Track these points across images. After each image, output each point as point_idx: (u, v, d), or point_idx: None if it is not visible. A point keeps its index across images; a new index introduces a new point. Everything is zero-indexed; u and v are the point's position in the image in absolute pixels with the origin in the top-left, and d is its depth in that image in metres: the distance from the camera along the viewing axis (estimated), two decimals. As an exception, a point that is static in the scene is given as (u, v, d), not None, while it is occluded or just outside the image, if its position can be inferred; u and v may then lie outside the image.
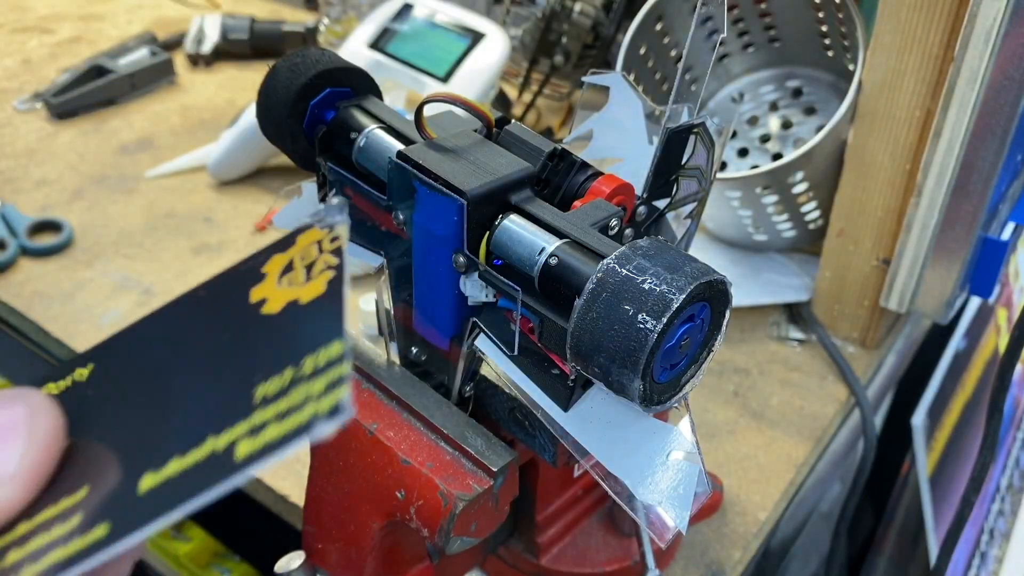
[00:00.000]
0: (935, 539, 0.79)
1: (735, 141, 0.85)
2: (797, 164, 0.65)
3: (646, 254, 0.29)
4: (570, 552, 0.50)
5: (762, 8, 0.77)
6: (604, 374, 0.29)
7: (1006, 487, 0.95)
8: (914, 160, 0.61)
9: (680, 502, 0.33)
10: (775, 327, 0.75)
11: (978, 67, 0.54)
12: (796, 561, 0.73)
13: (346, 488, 0.38)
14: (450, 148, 0.35)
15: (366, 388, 0.40)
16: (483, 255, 0.34)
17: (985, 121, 0.56)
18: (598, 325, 0.28)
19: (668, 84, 0.81)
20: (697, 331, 0.30)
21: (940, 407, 0.84)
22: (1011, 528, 0.92)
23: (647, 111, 0.40)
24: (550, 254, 0.32)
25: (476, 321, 0.36)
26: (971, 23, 0.54)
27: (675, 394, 0.31)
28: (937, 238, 0.62)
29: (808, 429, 0.65)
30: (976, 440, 0.84)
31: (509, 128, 0.38)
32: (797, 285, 0.76)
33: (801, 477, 0.63)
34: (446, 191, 0.32)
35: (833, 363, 0.71)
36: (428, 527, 0.35)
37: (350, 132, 0.37)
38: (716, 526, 0.57)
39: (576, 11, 0.96)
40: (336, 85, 0.38)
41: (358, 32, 0.98)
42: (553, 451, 0.38)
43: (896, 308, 0.66)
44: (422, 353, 0.39)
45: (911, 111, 0.60)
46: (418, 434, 0.37)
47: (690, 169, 0.37)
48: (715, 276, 0.29)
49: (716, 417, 0.66)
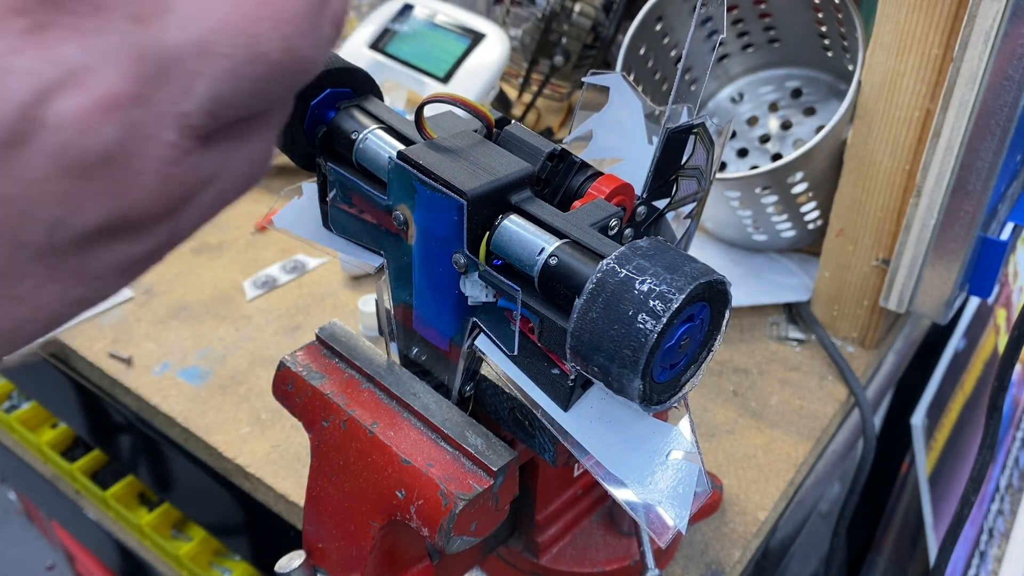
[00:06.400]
0: (934, 539, 0.79)
1: (735, 141, 0.85)
2: (797, 164, 0.65)
3: (646, 254, 0.29)
4: (570, 552, 0.50)
5: (762, 8, 0.77)
6: (604, 374, 0.29)
7: (1005, 487, 0.95)
8: (913, 160, 0.61)
9: (680, 501, 0.33)
10: (775, 327, 0.75)
11: (977, 67, 0.55)
12: (796, 561, 0.73)
13: (346, 488, 0.38)
14: (450, 148, 0.35)
15: (366, 388, 0.40)
16: (483, 255, 0.34)
17: (984, 121, 0.56)
18: (598, 325, 0.29)
19: (668, 84, 0.81)
20: (697, 331, 0.30)
21: (939, 407, 0.84)
22: (1010, 528, 0.92)
23: (647, 111, 0.40)
24: (550, 254, 0.32)
25: (476, 321, 0.36)
26: (970, 23, 0.54)
27: (675, 394, 0.31)
28: (936, 238, 0.62)
29: (808, 429, 0.65)
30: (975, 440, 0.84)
31: (509, 128, 0.38)
32: (797, 285, 0.76)
33: (800, 477, 0.63)
34: (446, 191, 0.33)
35: (832, 363, 0.71)
36: (428, 527, 0.35)
37: (350, 132, 0.37)
38: (716, 526, 0.57)
39: (576, 11, 0.96)
40: (336, 85, 0.38)
41: (358, 32, 0.98)
42: (553, 451, 0.38)
43: (895, 308, 0.66)
44: (422, 353, 0.39)
45: (910, 111, 0.60)
46: (418, 434, 0.37)
47: (690, 169, 0.37)
48: (715, 276, 0.29)
49: (716, 417, 0.66)
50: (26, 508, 1.51)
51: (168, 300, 0.76)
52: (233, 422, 0.65)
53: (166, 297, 0.76)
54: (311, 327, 0.74)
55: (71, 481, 0.91)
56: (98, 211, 0.17)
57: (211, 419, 0.65)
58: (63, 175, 0.16)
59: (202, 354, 0.71)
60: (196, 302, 0.76)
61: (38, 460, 0.95)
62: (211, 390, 0.68)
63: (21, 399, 0.99)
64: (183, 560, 0.79)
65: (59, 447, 0.94)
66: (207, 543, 0.82)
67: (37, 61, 0.15)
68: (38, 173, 0.16)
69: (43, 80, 0.15)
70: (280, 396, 0.41)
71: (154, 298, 0.76)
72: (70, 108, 0.15)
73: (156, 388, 0.68)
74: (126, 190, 0.17)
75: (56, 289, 0.18)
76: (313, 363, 0.41)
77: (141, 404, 0.68)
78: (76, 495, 0.91)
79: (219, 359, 0.71)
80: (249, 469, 0.61)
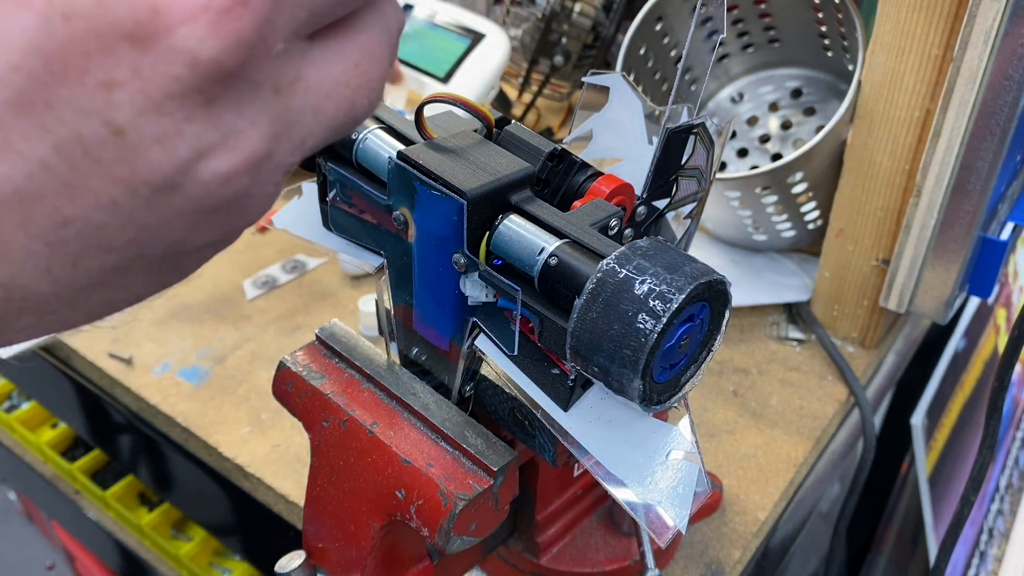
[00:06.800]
0: (934, 538, 0.79)
1: (735, 141, 0.85)
2: (797, 164, 0.65)
3: (646, 254, 0.29)
4: (570, 552, 0.50)
5: (762, 8, 0.77)
6: (604, 374, 0.29)
7: (1005, 487, 0.95)
8: (913, 160, 0.61)
9: (680, 501, 0.33)
10: (775, 327, 0.75)
11: (977, 67, 0.55)
12: (795, 560, 0.73)
13: (346, 488, 0.38)
14: (450, 148, 0.35)
15: (366, 388, 0.40)
16: (483, 255, 0.34)
17: (984, 121, 0.56)
18: (598, 325, 0.29)
19: (668, 84, 0.81)
20: (696, 331, 0.30)
21: (939, 407, 0.84)
22: (1010, 528, 0.92)
23: (647, 111, 0.40)
24: (550, 254, 0.32)
25: (476, 321, 0.36)
26: (970, 23, 0.54)
27: (675, 394, 0.31)
28: (936, 238, 0.62)
29: (807, 429, 0.65)
30: (975, 440, 0.84)
31: (509, 128, 0.38)
32: (797, 285, 0.76)
33: (800, 477, 0.63)
34: (446, 191, 0.33)
35: (832, 363, 0.71)
36: (428, 527, 0.35)
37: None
38: (716, 525, 0.57)
39: (576, 11, 0.96)
40: (336, 85, 0.38)
41: (358, 32, 0.97)
42: (553, 451, 0.38)
43: (895, 308, 0.66)
44: (422, 353, 0.39)
45: (910, 111, 0.60)
46: (418, 434, 0.37)
47: (690, 169, 0.37)
48: (715, 276, 0.29)
49: (716, 417, 0.66)
50: (26, 508, 1.51)
51: (168, 300, 0.76)
52: (233, 422, 0.65)
53: (166, 297, 0.76)
54: (311, 327, 0.74)
55: (71, 481, 0.91)
56: (212, 234, 0.21)
57: (211, 419, 0.65)
58: (197, 213, 0.20)
59: (202, 354, 0.71)
60: (196, 302, 0.76)
61: (38, 460, 0.95)
62: (211, 390, 0.68)
63: (21, 399, 0.99)
64: (183, 560, 0.79)
65: (59, 447, 0.94)
66: (207, 543, 0.82)
67: (202, 127, 0.18)
68: (178, 212, 0.19)
69: (204, 143, 0.19)
70: (280, 396, 0.41)
71: (154, 298, 0.76)
72: (222, 166, 0.19)
73: (156, 388, 0.68)
74: (238, 220, 0.21)
75: (152, 280, 0.22)
76: (313, 363, 0.41)
77: (141, 404, 0.68)
78: (76, 495, 0.91)
79: (219, 359, 0.71)
80: (249, 469, 0.61)
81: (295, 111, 0.20)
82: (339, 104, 0.21)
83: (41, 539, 1.61)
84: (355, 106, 0.21)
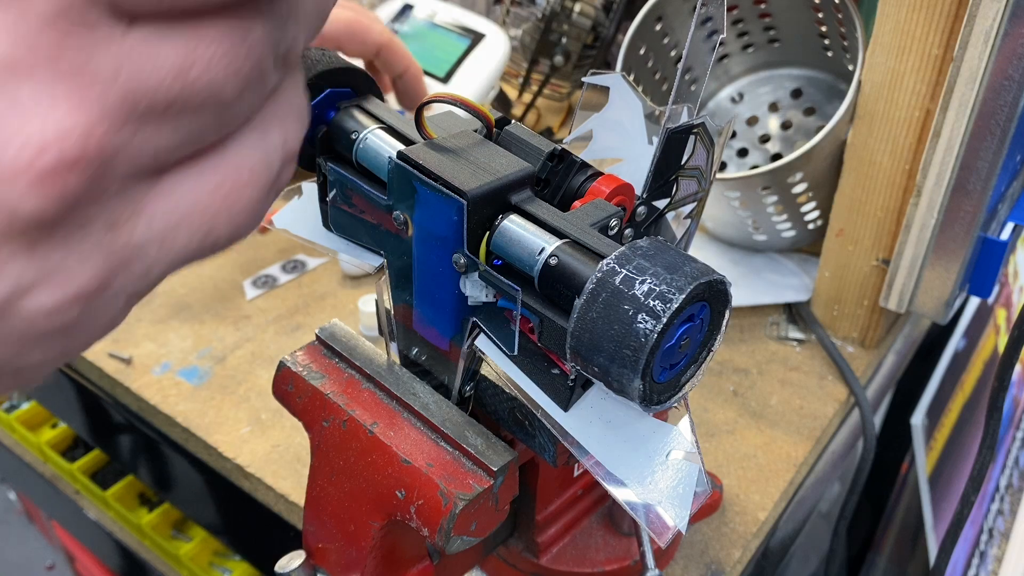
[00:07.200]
0: (934, 538, 0.79)
1: (735, 141, 0.85)
2: (797, 164, 0.65)
3: (646, 254, 0.29)
4: (570, 552, 0.50)
5: (762, 8, 0.77)
6: (604, 374, 0.29)
7: (1005, 487, 0.95)
8: (913, 160, 0.61)
9: (680, 501, 0.33)
10: (775, 327, 0.75)
11: (977, 67, 0.55)
12: (796, 560, 0.73)
13: (346, 488, 0.38)
14: (450, 148, 0.35)
15: (366, 388, 0.40)
16: (483, 255, 0.34)
17: (984, 121, 0.56)
18: (598, 325, 0.29)
19: (668, 84, 0.81)
20: (697, 331, 0.30)
21: (939, 407, 0.84)
22: (1010, 528, 0.92)
23: (647, 111, 0.40)
24: (550, 254, 0.32)
25: (476, 321, 0.36)
26: (970, 23, 0.54)
27: (675, 394, 0.31)
28: (936, 238, 0.62)
29: (807, 429, 0.65)
30: (975, 440, 0.84)
31: (509, 128, 0.38)
32: (797, 285, 0.76)
33: (800, 477, 0.63)
34: (446, 191, 0.33)
35: (832, 363, 0.71)
36: (428, 527, 0.35)
37: (350, 132, 0.37)
38: (716, 525, 0.57)
39: (576, 11, 0.96)
40: (337, 85, 0.38)
41: (358, 32, 0.97)
42: (553, 451, 0.38)
43: (895, 308, 0.66)
44: (422, 353, 0.39)
45: (910, 111, 0.60)
46: (418, 434, 0.37)
47: (690, 169, 0.37)
48: (715, 276, 0.29)
49: (716, 417, 0.66)
50: (26, 508, 1.51)
51: (168, 300, 0.76)
52: (233, 422, 0.65)
53: (166, 297, 0.76)
54: (311, 327, 0.74)
55: (71, 481, 0.91)
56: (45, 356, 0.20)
57: (211, 419, 0.65)
58: (23, 341, 0.19)
59: (202, 354, 0.71)
60: (196, 302, 0.76)
61: (38, 460, 0.95)
62: (211, 390, 0.68)
63: (21, 399, 1.00)
64: (183, 560, 0.79)
65: (59, 447, 0.94)
66: (207, 543, 0.82)
67: (23, 266, 0.18)
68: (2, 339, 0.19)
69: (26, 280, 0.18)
70: (280, 396, 0.41)
71: (154, 298, 0.76)
72: (47, 302, 0.19)
73: (156, 388, 0.68)
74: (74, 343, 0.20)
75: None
76: (313, 363, 0.41)
77: (141, 404, 0.68)
78: (76, 495, 0.91)
79: (219, 359, 0.71)
80: (249, 469, 0.61)
81: (134, 245, 0.19)
82: (192, 233, 0.20)
83: (41, 539, 1.61)
84: (211, 233, 0.21)
